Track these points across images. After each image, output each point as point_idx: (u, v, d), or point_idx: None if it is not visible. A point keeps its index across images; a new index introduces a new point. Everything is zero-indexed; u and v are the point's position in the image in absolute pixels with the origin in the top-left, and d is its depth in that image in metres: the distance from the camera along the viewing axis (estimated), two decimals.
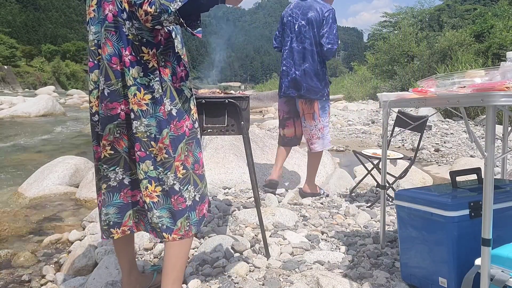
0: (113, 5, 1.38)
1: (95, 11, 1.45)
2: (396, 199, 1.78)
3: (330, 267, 1.96)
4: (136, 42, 1.38)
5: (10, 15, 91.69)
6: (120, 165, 1.48)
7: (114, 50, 1.39)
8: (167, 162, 1.43)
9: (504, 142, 2.03)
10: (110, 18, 1.39)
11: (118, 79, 1.40)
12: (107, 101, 1.41)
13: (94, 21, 1.45)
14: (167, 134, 1.42)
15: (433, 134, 7.40)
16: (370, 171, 3.26)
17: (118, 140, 1.46)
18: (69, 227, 2.84)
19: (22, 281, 2.06)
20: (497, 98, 1.23)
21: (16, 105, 13.29)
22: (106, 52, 1.39)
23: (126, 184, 1.50)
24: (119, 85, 1.40)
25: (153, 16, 1.27)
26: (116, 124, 1.44)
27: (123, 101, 1.41)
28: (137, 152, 1.42)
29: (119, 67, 1.39)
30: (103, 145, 1.46)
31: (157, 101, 1.41)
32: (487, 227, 1.29)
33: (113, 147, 1.46)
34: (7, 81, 49.49)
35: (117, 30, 1.38)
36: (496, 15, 16.07)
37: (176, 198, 1.45)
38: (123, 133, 1.45)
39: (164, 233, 1.45)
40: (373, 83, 19.91)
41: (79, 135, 8.60)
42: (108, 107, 1.42)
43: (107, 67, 1.40)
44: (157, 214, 1.44)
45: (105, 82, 1.40)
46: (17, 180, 4.18)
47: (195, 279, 1.83)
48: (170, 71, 1.45)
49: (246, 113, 2.06)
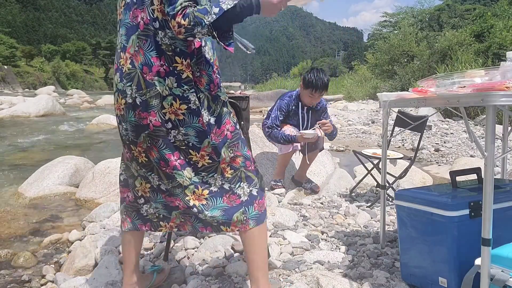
0: (145, 12, 1.36)
1: (122, 14, 1.43)
2: (396, 199, 1.78)
3: (330, 267, 1.96)
4: (169, 52, 1.36)
5: (10, 15, 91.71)
6: (154, 172, 1.49)
7: (145, 59, 1.37)
8: (210, 167, 1.45)
9: (504, 142, 2.03)
10: (142, 26, 1.37)
11: (148, 88, 1.37)
12: (140, 110, 1.40)
13: (121, 23, 1.44)
14: (208, 143, 1.42)
15: (433, 134, 7.40)
16: (370, 171, 3.26)
17: (149, 150, 1.45)
18: (69, 227, 2.84)
19: (22, 281, 2.06)
20: (497, 98, 1.23)
21: (16, 105, 13.27)
22: (139, 61, 1.38)
23: (164, 190, 1.51)
24: (148, 96, 1.38)
25: (186, 28, 1.25)
26: (147, 134, 1.42)
27: (151, 112, 1.39)
28: (177, 161, 1.43)
29: (148, 76, 1.37)
30: (138, 151, 1.47)
31: (194, 112, 1.39)
32: (487, 227, 1.29)
33: (147, 155, 1.47)
34: (7, 81, 49.48)
35: (148, 39, 1.36)
36: (496, 15, 16.07)
37: (229, 196, 1.47)
38: (153, 144, 1.44)
39: (221, 226, 1.49)
40: (373, 83, 19.91)
41: (79, 135, 8.60)
42: (140, 116, 1.41)
43: (139, 76, 1.38)
44: (209, 214, 1.46)
45: (137, 91, 1.39)
46: (17, 180, 4.18)
47: (195, 279, 1.83)
48: (206, 80, 1.43)
49: (246, 113, 2.06)
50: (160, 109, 1.38)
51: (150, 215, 1.58)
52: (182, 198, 1.47)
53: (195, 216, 1.52)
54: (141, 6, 1.36)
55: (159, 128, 1.40)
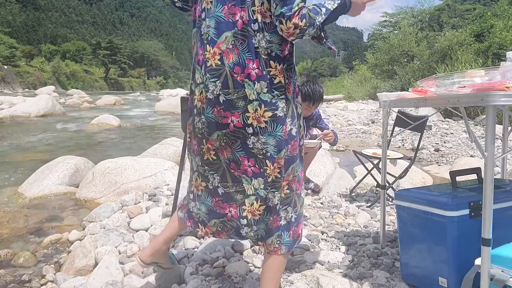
0: (245, 12, 1.33)
1: (212, 4, 1.38)
2: (396, 199, 1.78)
3: (330, 267, 1.96)
4: (264, 56, 1.33)
5: (10, 15, 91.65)
6: (218, 173, 1.46)
7: (240, 59, 1.33)
8: (277, 182, 1.41)
9: (504, 142, 2.03)
10: (240, 25, 1.33)
11: (236, 89, 1.34)
12: (221, 108, 1.37)
13: (208, 13, 1.39)
14: (284, 154, 1.39)
15: (433, 134, 7.40)
16: (370, 171, 3.26)
17: (222, 149, 1.42)
18: (69, 227, 2.84)
19: (22, 281, 2.06)
20: (497, 98, 1.23)
21: (16, 105, 13.27)
22: (230, 59, 1.34)
23: (219, 194, 1.48)
24: (234, 96, 1.34)
25: (301, 29, 1.25)
26: (224, 133, 1.40)
27: (235, 112, 1.36)
28: (251, 167, 1.40)
29: (239, 77, 1.34)
30: (207, 148, 1.45)
31: (279, 120, 1.36)
32: (487, 227, 1.29)
33: (217, 153, 1.44)
34: (7, 81, 49.45)
35: (245, 40, 1.33)
36: (496, 15, 16.07)
37: (274, 217, 1.43)
38: (228, 144, 1.41)
39: (259, 242, 1.47)
40: (373, 83, 19.92)
41: (79, 135, 8.59)
42: (220, 114, 1.38)
43: (228, 75, 1.35)
44: (255, 228, 1.45)
45: (222, 89, 1.36)
46: (17, 180, 4.18)
47: (195, 279, 1.83)
48: (292, 88, 1.41)
49: None
50: (244, 111, 1.35)
51: (194, 214, 1.58)
52: (238, 206, 1.45)
53: (235, 229, 1.49)
54: (241, 4, 1.33)
55: (240, 130, 1.37)
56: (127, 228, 2.59)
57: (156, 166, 3.75)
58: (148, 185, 3.49)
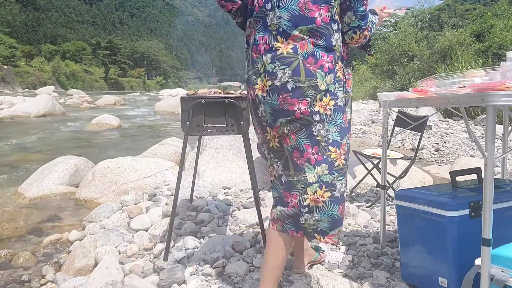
0: (327, 12, 1.41)
1: None
2: (396, 199, 1.78)
3: (330, 267, 1.96)
4: (337, 53, 1.45)
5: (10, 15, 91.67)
6: (281, 161, 1.52)
7: (315, 51, 1.41)
8: (343, 169, 1.46)
9: (504, 142, 2.03)
10: (319, 22, 1.41)
11: (307, 78, 1.40)
12: (288, 95, 1.41)
13: (279, 5, 1.43)
14: (346, 141, 1.47)
15: (433, 134, 7.40)
16: (370, 171, 3.26)
17: (285, 137, 1.47)
18: (69, 227, 2.84)
19: (22, 281, 2.06)
20: (497, 98, 1.23)
21: (16, 105, 13.28)
22: (305, 49, 1.41)
23: (282, 182, 1.52)
24: (305, 84, 1.40)
25: (365, 39, 1.50)
26: (289, 120, 1.43)
27: (303, 100, 1.40)
28: (314, 155, 1.43)
29: (312, 67, 1.40)
30: (273, 135, 1.51)
31: (340, 109, 1.45)
32: (487, 227, 1.29)
33: (280, 141, 1.50)
34: (7, 81, 49.46)
35: (323, 37, 1.41)
36: (496, 15, 16.07)
37: (343, 206, 1.47)
38: (291, 132, 1.45)
39: (316, 234, 1.47)
40: (373, 83, 19.91)
41: (79, 135, 8.59)
42: (286, 101, 1.42)
43: (301, 63, 1.40)
44: (316, 217, 1.45)
45: (292, 76, 1.40)
46: (17, 180, 4.18)
47: (195, 279, 1.83)
48: (351, 84, 1.60)
49: (246, 113, 2.06)
50: (312, 100, 1.41)
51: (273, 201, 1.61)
52: (300, 195, 1.46)
53: (293, 218, 1.49)
54: (322, 3, 1.41)
55: (306, 117, 1.41)
56: (127, 228, 2.59)
57: (156, 166, 3.75)
58: (148, 185, 3.49)
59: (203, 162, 3.73)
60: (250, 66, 1.53)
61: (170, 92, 38.13)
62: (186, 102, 2.04)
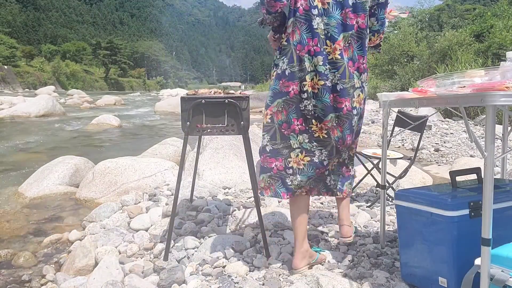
0: (363, 19, 1.70)
1: (330, 6, 1.67)
2: (396, 199, 1.78)
3: (330, 267, 1.96)
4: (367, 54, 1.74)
5: (10, 15, 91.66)
6: (327, 148, 1.79)
7: (353, 55, 1.71)
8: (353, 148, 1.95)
9: (504, 142, 2.03)
10: (356, 28, 1.69)
11: (350, 79, 1.69)
12: (337, 95, 1.69)
13: (327, 13, 1.67)
14: None
15: (433, 134, 7.40)
16: (370, 171, 3.26)
17: (333, 129, 1.75)
18: (69, 227, 2.84)
19: (22, 281, 2.06)
20: (497, 98, 1.23)
21: (16, 105, 13.28)
22: (347, 55, 1.69)
23: (324, 165, 1.81)
24: (348, 85, 1.68)
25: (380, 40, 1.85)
26: (337, 116, 1.72)
27: (348, 98, 1.70)
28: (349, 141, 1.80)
29: (351, 69, 1.70)
30: (320, 127, 1.76)
31: (364, 102, 1.82)
32: (487, 227, 1.29)
33: (328, 132, 1.76)
34: (7, 81, 49.45)
35: (359, 40, 1.71)
36: (496, 15, 16.06)
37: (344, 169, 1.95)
38: (339, 125, 1.74)
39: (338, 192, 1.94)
40: (373, 83, 19.90)
41: (79, 135, 8.59)
42: (336, 99, 1.70)
43: (346, 68, 1.68)
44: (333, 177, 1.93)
45: (340, 79, 1.68)
46: (17, 180, 4.18)
47: (195, 279, 1.83)
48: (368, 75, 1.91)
49: (246, 113, 2.06)
50: (352, 97, 1.71)
51: (293, 185, 1.80)
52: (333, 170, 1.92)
53: (323, 182, 1.92)
54: (359, 12, 1.69)
55: (349, 113, 1.72)
56: (127, 228, 2.59)
57: (156, 166, 3.75)
58: (148, 185, 3.49)
59: (203, 162, 3.73)
60: (295, 63, 1.70)
61: (170, 92, 38.13)
62: (186, 102, 2.05)
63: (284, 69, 1.72)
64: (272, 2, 1.65)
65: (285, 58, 1.72)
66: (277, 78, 1.75)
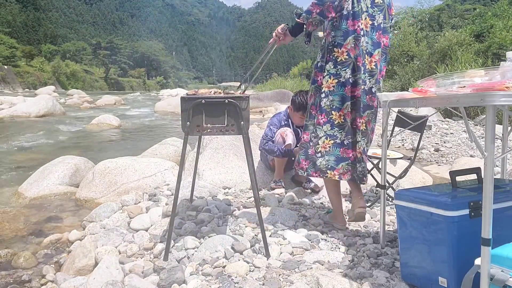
0: (386, 39, 2.26)
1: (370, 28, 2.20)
2: (396, 199, 1.78)
3: (330, 267, 1.96)
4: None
5: (10, 15, 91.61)
6: (344, 130, 2.26)
7: (380, 66, 2.26)
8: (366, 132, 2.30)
9: (504, 142, 2.03)
10: (382, 46, 2.25)
11: (378, 84, 2.26)
12: (372, 96, 2.24)
13: (367, 34, 2.20)
14: None
15: (433, 134, 7.40)
16: (370, 171, 3.25)
17: (369, 122, 2.28)
18: (69, 227, 2.84)
19: (22, 281, 2.06)
20: (497, 98, 1.23)
21: (16, 105, 13.27)
22: (378, 66, 2.24)
23: (345, 144, 2.27)
24: (377, 88, 2.25)
25: None
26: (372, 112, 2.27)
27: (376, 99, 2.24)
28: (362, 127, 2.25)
29: (378, 76, 2.25)
30: (339, 115, 2.24)
31: None
32: (487, 227, 1.29)
33: (366, 125, 2.25)
34: (7, 81, 49.44)
35: (384, 55, 2.27)
36: (496, 15, 16.05)
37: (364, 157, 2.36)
38: (370, 119, 2.28)
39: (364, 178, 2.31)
40: None
41: (79, 135, 8.60)
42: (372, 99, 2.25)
43: (377, 74, 2.24)
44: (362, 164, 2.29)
45: (375, 84, 2.23)
46: (17, 180, 4.18)
47: (195, 279, 1.83)
48: None
49: (246, 113, 2.06)
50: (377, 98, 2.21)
51: (322, 165, 2.29)
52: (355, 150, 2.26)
53: (354, 168, 2.28)
54: (384, 33, 2.25)
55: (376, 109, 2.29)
56: (127, 228, 2.59)
57: (156, 166, 3.75)
58: (148, 185, 3.49)
59: (203, 162, 3.73)
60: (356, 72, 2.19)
61: (170, 92, 38.11)
62: (186, 102, 2.05)
63: (347, 78, 2.19)
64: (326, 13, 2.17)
65: (347, 69, 2.19)
66: (342, 86, 2.21)
